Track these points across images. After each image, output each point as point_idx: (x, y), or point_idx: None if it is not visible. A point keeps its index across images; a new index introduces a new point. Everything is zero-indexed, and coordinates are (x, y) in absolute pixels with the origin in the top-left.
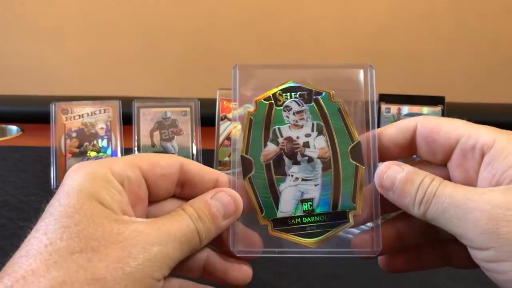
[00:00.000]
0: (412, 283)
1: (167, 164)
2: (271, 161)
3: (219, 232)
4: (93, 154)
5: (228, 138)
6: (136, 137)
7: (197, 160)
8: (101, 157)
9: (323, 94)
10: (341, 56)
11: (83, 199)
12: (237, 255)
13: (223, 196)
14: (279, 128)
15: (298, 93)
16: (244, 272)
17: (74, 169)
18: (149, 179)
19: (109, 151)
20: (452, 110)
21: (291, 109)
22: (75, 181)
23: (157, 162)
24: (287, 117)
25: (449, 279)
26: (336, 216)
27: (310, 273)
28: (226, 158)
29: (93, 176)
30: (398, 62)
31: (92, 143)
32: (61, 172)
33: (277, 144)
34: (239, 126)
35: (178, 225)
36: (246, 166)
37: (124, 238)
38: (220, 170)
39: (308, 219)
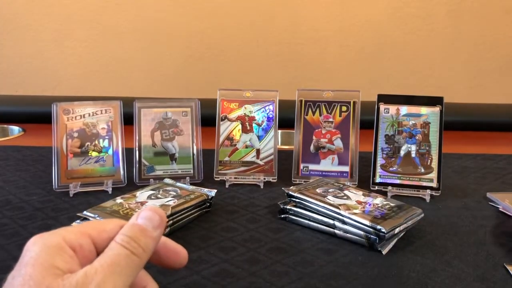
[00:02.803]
0: (412, 282)
1: (111, 229)
2: None
3: (156, 242)
4: (94, 154)
5: (228, 138)
6: (137, 137)
7: (197, 160)
8: (102, 157)
9: None
10: (340, 56)
11: (38, 266)
12: None
13: (145, 213)
14: None
15: None
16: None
17: (32, 242)
18: (97, 243)
19: (110, 151)
20: (450, 111)
21: None
22: (33, 252)
23: (103, 228)
24: None
25: (448, 278)
26: None
27: (310, 273)
28: (226, 158)
29: (48, 245)
30: (397, 62)
31: (93, 143)
32: (63, 172)
33: None
34: (239, 127)
35: (110, 260)
36: None
37: None
38: (220, 170)
39: None
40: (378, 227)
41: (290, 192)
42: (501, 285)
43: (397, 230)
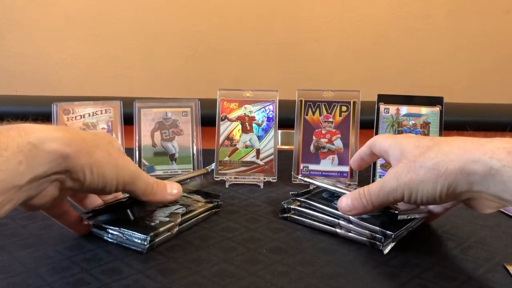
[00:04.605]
0: (413, 282)
1: None
2: None
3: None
4: None
5: (228, 138)
6: (137, 137)
7: (197, 160)
8: None
9: None
10: (340, 56)
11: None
12: None
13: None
14: None
15: None
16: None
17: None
18: None
19: None
20: (450, 111)
21: None
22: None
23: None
24: None
25: (448, 278)
26: None
27: (310, 273)
28: (226, 158)
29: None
30: (397, 62)
31: None
32: None
33: None
34: (239, 127)
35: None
36: None
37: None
38: (220, 170)
39: None
40: (389, 232)
41: (297, 198)
42: (501, 285)
43: (403, 233)
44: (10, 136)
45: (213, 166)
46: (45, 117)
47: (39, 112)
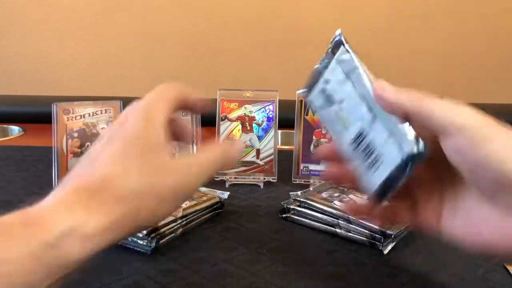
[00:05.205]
0: (413, 282)
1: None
2: None
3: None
4: None
5: (228, 138)
6: None
7: None
8: None
9: None
10: None
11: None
12: None
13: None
14: None
15: None
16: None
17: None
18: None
19: None
20: None
21: None
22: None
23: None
24: None
25: (448, 278)
26: None
27: (310, 273)
28: None
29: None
30: (396, 62)
31: (93, 143)
32: (63, 172)
33: None
34: (239, 127)
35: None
36: None
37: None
38: (219, 170)
39: None
40: (388, 232)
41: (297, 198)
42: (501, 285)
43: (403, 233)
44: (24, 236)
45: (226, 195)
46: (45, 117)
47: (39, 112)
